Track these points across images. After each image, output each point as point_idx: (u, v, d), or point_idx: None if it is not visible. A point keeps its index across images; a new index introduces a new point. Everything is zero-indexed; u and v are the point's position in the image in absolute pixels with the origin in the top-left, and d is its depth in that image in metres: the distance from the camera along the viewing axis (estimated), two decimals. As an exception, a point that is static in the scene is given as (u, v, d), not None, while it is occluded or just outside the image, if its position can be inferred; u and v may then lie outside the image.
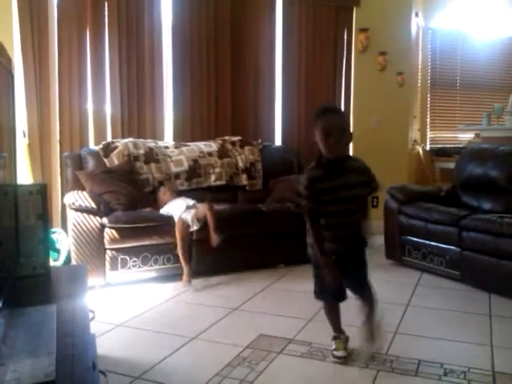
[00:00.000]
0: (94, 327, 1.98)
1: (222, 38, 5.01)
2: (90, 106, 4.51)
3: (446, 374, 2.37)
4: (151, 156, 4.42)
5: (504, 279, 3.46)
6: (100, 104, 4.55)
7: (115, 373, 2.33)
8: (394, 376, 2.37)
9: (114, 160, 4.28)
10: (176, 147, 4.63)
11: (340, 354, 2.51)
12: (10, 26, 4.10)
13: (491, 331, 2.90)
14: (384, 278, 4.02)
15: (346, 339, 2.60)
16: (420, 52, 6.28)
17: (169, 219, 3.89)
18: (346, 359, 2.50)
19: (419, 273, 4.09)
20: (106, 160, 4.26)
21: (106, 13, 4.49)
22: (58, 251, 4.04)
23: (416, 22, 6.07)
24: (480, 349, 2.67)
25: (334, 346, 2.56)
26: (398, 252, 4.29)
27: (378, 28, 5.58)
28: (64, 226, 4.18)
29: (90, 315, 1.71)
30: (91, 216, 3.66)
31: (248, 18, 5.14)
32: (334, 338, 2.58)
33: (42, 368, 1.13)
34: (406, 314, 3.20)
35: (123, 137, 4.55)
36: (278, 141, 5.41)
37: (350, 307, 2.51)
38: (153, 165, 4.41)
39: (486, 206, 4.21)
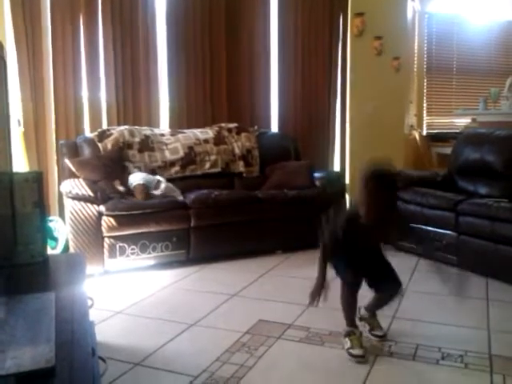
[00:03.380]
0: (93, 315, 1.99)
1: (216, 24, 4.97)
2: (84, 94, 4.48)
3: (443, 358, 2.39)
4: (146, 144, 4.40)
5: (501, 263, 3.48)
6: (95, 91, 4.52)
7: (115, 359, 2.34)
8: (392, 360, 2.38)
9: (108, 145, 4.23)
10: (172, 134, 4.61)
11: (359, 351, 2.34)
12: (1, 13, 4.05)
13: (488, 315, 2.92)
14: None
15: (361, 335, 2.44)
16: (416, 36, 6.25)
17: (167, 206, 3.90)
18: (365, 356, 2.34)
19: (416, 258, 4.10)
20: (99, 144, 4.22)
21: (100, -1, 4.45)
22: (55, 239, 4.04)
23: (412, 6, 6.03)
24: (477, 333, 2.69)
25: (348, 344, 2.38)
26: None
27: (373, 12, 5.54)
28: (61, 215, 4.17)
29: (89, 303, 1.71)
30: (88, 204, 3.65)
31: (243, 2, 5.10)
32: (348, 335, 2.41)
33: (41, 354, 1.13)
34: (404, 299, 3.21)
35: (119, 124, 4.53)
36: (274, 127, 5.39)
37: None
38: (146, 153, 4.37)
39: (483, 190, 4.22)
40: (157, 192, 4.03)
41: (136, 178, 4.02)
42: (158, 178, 4.16)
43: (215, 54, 4.99)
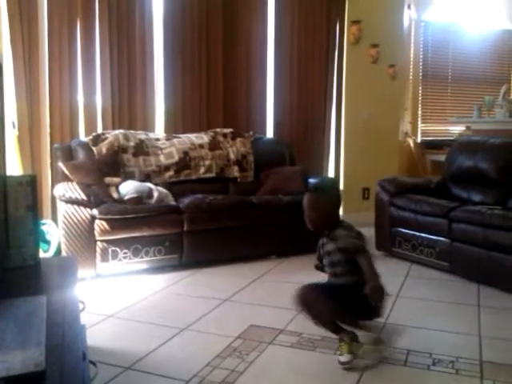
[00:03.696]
0: (85, 318, 1.99)
1: (213, 29, 4.98)
2: (80, 97, 4.48)
3: (434, 364, 2.40)
4: (141, 148, 4.39)
5: (493, 270, 3.50)
6: (90, 95, 4.51)
7: (106, 363, 2.33)
8: (383, 366, 2.39)
9: (103, 149, 4.23)
10: (167, 139, 4.61)
11: (345, 358, 2.35)
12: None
13: (479, 321, 2.93)
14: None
15: (351, 340, 2.39)
16: (412, 44, 6.28)
17: (160, 210, 3.90)
18: (351, 363, 2.35)
19: (409, 264, 4.12)
20: (94, 148, 4.22)
21: (97, 2, 4.44)
22: (48, 243, 4.04)
23: (408, 15, 6.07)
24: (468, 339, 2.70)
25: (339, 350, 2.41)
26: (388, 243, 4.31)
27: (370, 20, 5.57)
28: (54, 218, 4.16)
29: (80, 306, 1.71)
30: (81, 207, 3.65)
31: (240, 8, 5.11)
32: (339, 341, 2.42)
33: (31, 358, 1.13)
34: (396, 304, 3.22)
35: (114, 128, 4.52)
36: (269, 133, 5.40)
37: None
38: (141, 158, 4.37)
39: (476, 197, 4.23)
40: (151, 201, 4.01)
41: (128, 189, 3.97)
42: (150, 185, 4.13)
43: (212, 59, 5.00)
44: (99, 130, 4.52)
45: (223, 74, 5.06)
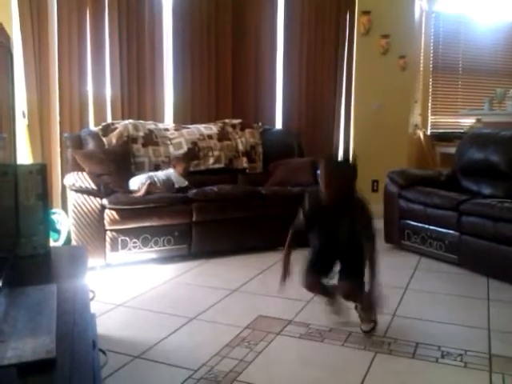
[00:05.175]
0: (95, 307, 1.99)
1: (223, 20, 4.97)
2: (90, 87, 4.49)
3: (443, 357, 2.39)
4: (150, 139, 4.40)
5: (502, 263, 3.48)
6: (100, 85, 4.52)
7: (115, 352, 2.35)
8: (391, 358, 2.39)
9: (113, 140, 4.25)
10: (176, 129, 4.61)
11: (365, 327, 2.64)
12: (8, 5, 4.06)
13: (489, 315, 2.92)
14: (383, 262, 4.03)
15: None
16: (423, 35, 6.21)
17: (169, 200, 3.91)
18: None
19: (418, 257, 4.11)
20: (104, 139, 4.24)
21: (106, -7, 4.45)
22: (58, 232, 4.06)
23: (419, 5, 6.01)
24: (477, 332, 2.69)
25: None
26: (397, 236, 4.30)
27: (380, 11, 5.52)
28: (64, 207, 4.18)
29: (90, 295, 1.71)
30: (91, 197, 3.66)
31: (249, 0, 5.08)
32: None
33: (42, 345, 1.13)
34: (405, 297, 3.22)
35: (123, 118, 4.54)
36: (278, 124, 5.39)
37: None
38: (150, 148, 4.38)
39: (486, 190, 4.21)
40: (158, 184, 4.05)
41: (137, 182, 4.01)
42: (149, 174, 4.14)
43: (221, 49, 4.99)
44: (109, 119, 4.53)
45: (232, 65, 5.05)
